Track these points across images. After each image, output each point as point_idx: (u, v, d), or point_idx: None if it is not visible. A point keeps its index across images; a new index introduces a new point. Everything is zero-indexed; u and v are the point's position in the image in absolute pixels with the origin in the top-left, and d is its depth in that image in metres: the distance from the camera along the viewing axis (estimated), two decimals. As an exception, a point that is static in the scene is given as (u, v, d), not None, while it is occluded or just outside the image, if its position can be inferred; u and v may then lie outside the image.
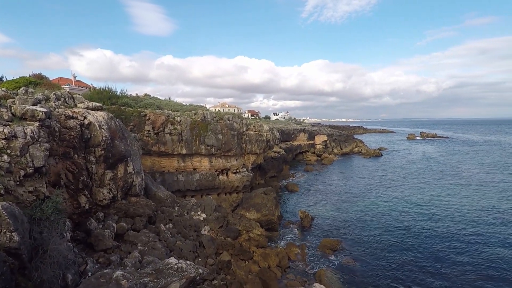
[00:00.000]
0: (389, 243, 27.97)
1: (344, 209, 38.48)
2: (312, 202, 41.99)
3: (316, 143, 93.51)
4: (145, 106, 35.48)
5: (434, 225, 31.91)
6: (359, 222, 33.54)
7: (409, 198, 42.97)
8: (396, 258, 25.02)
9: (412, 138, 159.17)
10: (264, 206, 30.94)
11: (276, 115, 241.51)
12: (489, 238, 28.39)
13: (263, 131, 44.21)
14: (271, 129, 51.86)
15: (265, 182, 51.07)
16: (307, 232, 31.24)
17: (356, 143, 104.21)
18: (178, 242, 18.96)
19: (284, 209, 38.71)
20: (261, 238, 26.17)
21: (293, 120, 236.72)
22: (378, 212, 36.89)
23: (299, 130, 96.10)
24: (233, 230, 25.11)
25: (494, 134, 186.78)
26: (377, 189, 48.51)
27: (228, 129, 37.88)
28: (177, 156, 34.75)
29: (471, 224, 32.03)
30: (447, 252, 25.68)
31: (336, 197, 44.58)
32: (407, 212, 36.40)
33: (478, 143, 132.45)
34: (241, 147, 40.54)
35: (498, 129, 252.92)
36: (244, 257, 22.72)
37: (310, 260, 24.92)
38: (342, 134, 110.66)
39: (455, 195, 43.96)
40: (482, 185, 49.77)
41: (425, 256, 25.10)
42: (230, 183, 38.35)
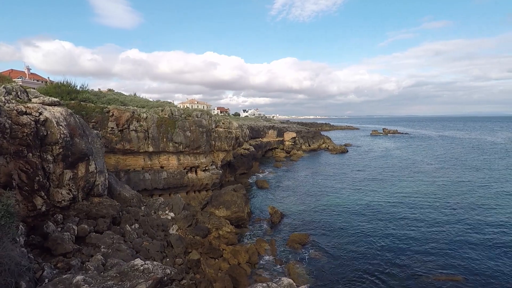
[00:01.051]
0: (355, 235, 29.25)
1: (312, 204, 39.57)
2: (281, 198, 42.70)
3: (285, 140, 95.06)
4: (108, 102, 33.83)
5: (397, 216, 33.88)
6: (326, 216, 34.70)
7: (373, 191, 45.21)
8: (363, 249, 26.24)
9: (376, 134, 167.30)
10: (234, 203, 30.94)
11: (245, 112, 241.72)
12: (447, 227, 30.69)
13: (233, 128, 44.08)
14: (240, 126, 51.83)
15: (234, 179, 51.07)
16: (276, 227, 31.74)
17: (323, 140, 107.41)
18: (144, 243, 18.39)
19: (254, 205, 38.98)
20: (231, 236, 26.18)
21: (263, 117, 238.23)
22: (344, 206, 38.40)
23: (269, 127, 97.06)
24: (202, 229, 24.86)
25: (448, 130, 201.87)
26: (343, 184, 50.45)
27: (196, 126, 37.27)
28: (143, 154, 33.60)
29: (430, 214, 34.41)
30: (410, 242, 27.38)
31: (304, 192, 45.70)
32: (372, 205, 38.26)
33: (434, 138, 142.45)
34: (210, 144, 40.12)
35: (451, 126, 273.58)
36: (213, 255, 22.60)
37: (280, 255, 25.37)
38: (310, 131, 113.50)
39: (415, 187, 46.94)
40: (439, 177, 53.65)
41: (390, 247, 26.57)
42: (199, 181, 37.85)
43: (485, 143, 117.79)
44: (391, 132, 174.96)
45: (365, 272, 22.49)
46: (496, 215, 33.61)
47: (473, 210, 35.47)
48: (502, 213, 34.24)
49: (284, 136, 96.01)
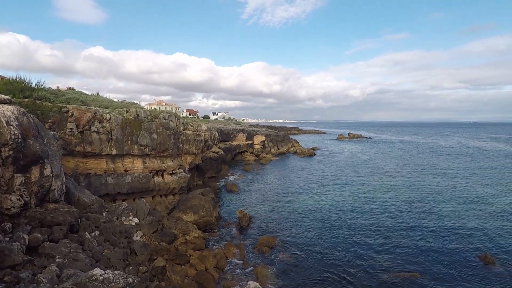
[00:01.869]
0: (322, 237, 29.97)
1: (280, 206, 40.00)
2: (250, 202, 42.70)
3: (255, 143, 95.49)
4: (68, 101, 31.82)
5: (361, 217, 35.26)
6: (294, 219, 35.23)
7: (339, 194, 46.75)
8: (329, 250, 26.93)
9: (342, 139, 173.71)
10: (202, 208, 30.38)
11: (215, 114, 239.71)
12: (405, 225, 32.46)
13: (201, 130, 43.42)
14: (209, 128, 51.21)
15: (203, 183, 50.27)
16: (245, 231, 31.63)
17: (292, 143, 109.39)
18: (105, 251, 17.41)
19: (222, 209, 38.58)
20: (198, 241, 25.64)
21: (233, 120, 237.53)
22: (312, 208, 39.26)
23: (238, 130, 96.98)
24: (168, 234, 24.08)
25: (407, 135, 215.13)
26: (311, 187, 51.63)
27: (163, 128, 36.21)
28: (105, 157, 31.96)
29: (391, 214, 36.23)
30: (373, 242, 28.57)
31: (273, 195, 46.10)
32: (338, 207, 39.50)
33: (395, 142, 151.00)
34: (178, 147, 39.17)
35: (409, 131, 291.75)
36: (180, 261, 21.96)
37: (249, 259, 25.27)
38: (279, 134, 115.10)
39: (377, 189, 49.22)
40: (399, 179, 56.79)
41: (355, 247, 27.53)
42: (165, 185, 36.73)
43: (439, 146, 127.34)
44: (356, 137, 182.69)
45: (332, 272, 23.09)
46: (447, 213, 36.19)
47: (428, 210, 37.92)
48: (452, 211, 36.94)
49: (254, 140, 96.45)
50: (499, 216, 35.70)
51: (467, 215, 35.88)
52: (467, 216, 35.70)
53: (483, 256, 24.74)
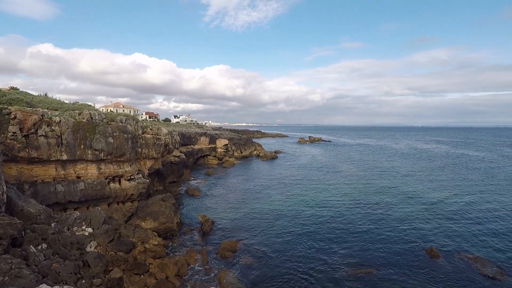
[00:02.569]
0: (284, 238, 30.49)
1: (243, 210, 40.02)
2: (213, 206, 42.16)
3: (217, 147, 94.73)
4: (10, 102, 29.03)
5: (320, 218, 36.50)
6: (257, 222, 35.45)
7: (300, 195, 48.00)
8: (291, 251, 27.47)
9: (303, 142, 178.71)
10: (162, 214, 29.35)
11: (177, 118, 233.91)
12: (366, 224, 34.22)
13: (162, 134, 42.08)
14: (170, 132, 49.86)
15: (163, 188, 48.64)
16: (208, 236, 31.13)
17: (255, 147, 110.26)
18: (54, 265, 16.09)
19: (184, 215, 37.62)
20: (159, 248, 24.71)
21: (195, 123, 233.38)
22: (274, 210, 39.81)
23: (201, 133, 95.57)
24: (126, 243, 22.90)
25: (363, 138, 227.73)
26: (274, 190, 52.38)
27: (120, 132, 34.47)
28: (55, 163, 29.60)
29: (349, 214, 37.97)
30: (332, 241, 29.67)
31: (236, 199, 45.99)
32: (300, 209, 40.50)
33: (352, 145, 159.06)
34: (136, 152, 37.55)
35: (365, 134, 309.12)
36: (138, 271, 20.98)
37: (211, 264, 24.89)
38: (242, 138, 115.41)
39: (338, 191, 51.35)
40: (356, 180, 59.84)
41: (315, 247, 28.39)
42: (123, 191, 34.93)
43: (391, 149, 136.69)
44: (316, 140, 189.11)
45: (294, 273, 23.58)
46: (398, 211, 38.91)
47: (381, 208, 40.42)
48: (402, 208, 39.79)
49: (217, 143, 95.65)
50: (443, 211, 39.15)
51: (416, 212, 38.85)
52: (416, 212, 38.64)
53: (429, 250, 26.91)
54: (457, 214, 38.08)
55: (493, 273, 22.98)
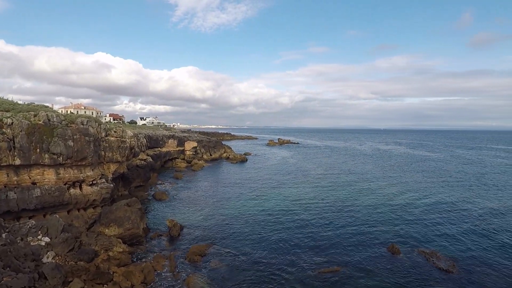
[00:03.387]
0: (253, 240, 30.61)
1: (213, 214, 39.61)
2: (181, 210, 41.28)
3: (186, 150, 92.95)
4: (-47, 102, 26.38)
5: (289, 219, 37.12)
6: (227, 224, 35.26)
7: (271, 197, 48.50)
8: (260, 253, 27.63)
9: (272, 144, 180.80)
10: (127, 220, 28.19)
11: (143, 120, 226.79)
12: (332, 223, 35.29)
13: (127, 137, 40.51)
14: (136, 135, 48.16)
15: (129, 193, 46.76)
16: (176, 241, 30.41)
17: (224, 149, 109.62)
18: (5, 279, 14.86)
19: (151, 220, 36.45)
20: (123, 256, 23.72)
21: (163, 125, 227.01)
22: (244, 213, 39.84)
23: (169, 136, 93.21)
24: (87, 252, 21.71)
25: (330, 140, 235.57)
26: (243, 192, 52.43)
27: (81, 135, 32.67)
28: (6, 168, 27.36)
29: (315, 215, 39.00)
30: (300, 242, 30.27)
31: (205, 202, 45.41)
32: (269, 210, 40.90)
33: (320, 147, 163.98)
34: (99, 155, 35.80)
35: (332, 136, 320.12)
36: (101, 280, 19.99)
37: (180, 269, 24.33)
38: (211, 140, 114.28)
39: (306, 191, 52.57)
40: (324, 181, 61.63)
41: (283, 248, 28.79)
42: (84, 197, 33.07)
43: (355, 150, 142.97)
44: (286, 142, 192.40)
45: (263, 274, 23.76)
46: (361, 209, 40.71)
47: (346, 207, 42.05)
48: (368, 209, 41.69)
49: (185, 146, 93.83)
50: (403, 210, 41.57)
51: (379, 210, 40.89)
52: (379, 211, 40.66)
53: (390, 247, 28.41)
54: (415, 212, 40.63)
55: (447, 266, 24.79)
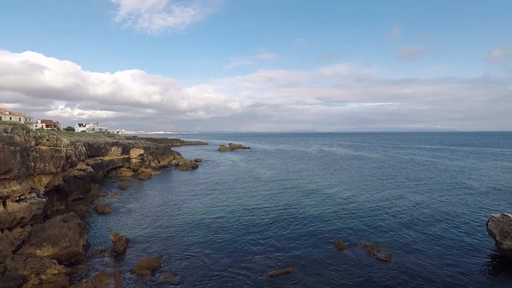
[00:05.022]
0: (206, 248, 29.89)
1: (163, 224, 37.86)
2: (128, 222, 38.69)
3: (132, 157, 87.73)
4: None
5: (243, 223, 37.09)
6: (178, 234, 33.96)
7: (223, 203, 47.99)
8: (213, 261, 27.05)
9: (223, 149, 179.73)
10: (64, 237, 25.48)
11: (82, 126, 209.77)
12: (283, 225, 36.01)
13: (62, 145, 36.84)
14: (73, 143, 44.03)
15: (66, 208, 42.42)
16: (121, 256, 28.32)
17: (173, 156, 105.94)
18: None
19: (93, 235, 33.51)
20: (59, 278, 21.34)
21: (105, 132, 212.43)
22: (196, 221, 38.79)
23: (112, 143, 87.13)
24: (13, 278, 19.08)
25: (279, 144, 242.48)
26: (195, 200, 51.11)
27: (5, 144, 28.81)
28: None
29: (265, 217, 39.57)
30: (252, 246, 30.36)
31: (154, 213, 43.23)
32: (222, 218, 40.39)
33: (271, 151, 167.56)
34: (28, 167, 31.92)
35: (281, 140, 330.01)
36: (32, 308, 17.68)
37: (127, 286, 22.67)
38: (159, 146, 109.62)
39: (258, 196, 53.05)
40: (275, 183, 62.93)
41: (237, 254, 28.58)
42: (9, 215, 29.07)
43: (303, 153, 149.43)
44: (236, 147, 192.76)
45: (215, 283, 23.26)
46: (309, 209, 42.51)
47: (295, 208, 43.50)
48: (315, 208, 43.64)
49: (131, 153, 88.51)
50: (347, 206, 44.35)
51: (325, 209, 43.04)
52: (325, 209, 42.79)
53: (337, 243, 30.05)
54: (357, 209, 43.66)
55: (385, 256, 27.06)
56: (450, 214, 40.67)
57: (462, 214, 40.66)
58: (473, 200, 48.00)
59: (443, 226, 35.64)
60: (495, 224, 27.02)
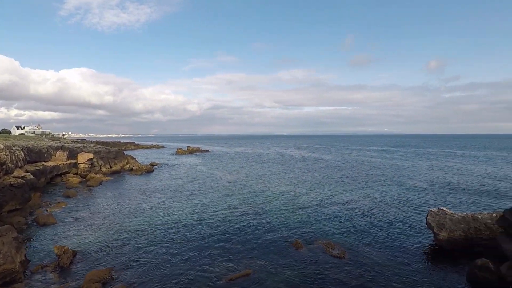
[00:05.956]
0: (162, 257, 28.71)
1: (116, 232, 35.66)
2: (74, 234, 35.77)
3: (80, 162, 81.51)
4: None
5: (201, 227, 36.32)
6: (131, 243, 32.21)
7: (180, 207, 46.58)
8: (169, 269, 26.06)
9: (181, 153, 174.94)
10: (-3, 253, 22.74)
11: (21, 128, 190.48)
12: (240, 227, 35.93)
13: (-4, 151, 32.95)
14: (9, 147, 39.65)
15: (0, 220, 37.96)
16: (68, 270, 26.06)
17: (127, 160, 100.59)
18: None
19: (33, 250, 30.39)
20: (-8, 300, 18.95)
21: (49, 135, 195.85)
22: (151, 229, 37.13)
23: (56, 147, 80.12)
24: None
25: (239, 147, 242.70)
26: (149, 206, 48.96)
27: None
28: None
29: (227, 219, 39.26)
30: (210, 250, 29.86)
31: (105, 222, 40.54)
32: (179, 223, 39.15)
33: (230, 154, 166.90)
34: (-47, 176, 27.99)
35: (240, 143, 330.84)
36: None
37: (72, 304, 20.89)
38: (111, 150, 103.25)
39: (217, 199, 52.36)
40: (233, 185, 62.73)
41: (194, 259, 27.88)
42: None
43: (262, 155, 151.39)
44: (195, 150, 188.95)
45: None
46: (269, 212, 43.17)
47: (252, 209, 43.85)
48: (273, 209, 44.40)
49: (78, 158, 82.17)
50: (302, 206, 45.81)
51: (283, 210, 43.97)
52: (283, 210, 43.71)
53: (295, 243, 30.87)
54: (313, 209, 45.33)
55: (339, 253, 28.44)
56: (395, 210, 44.08)
57: (406, 209, 44.33)
58: (415, 197, 52.61)
59: (389, 222, 38.48)
60: (432, 217, 29.85)
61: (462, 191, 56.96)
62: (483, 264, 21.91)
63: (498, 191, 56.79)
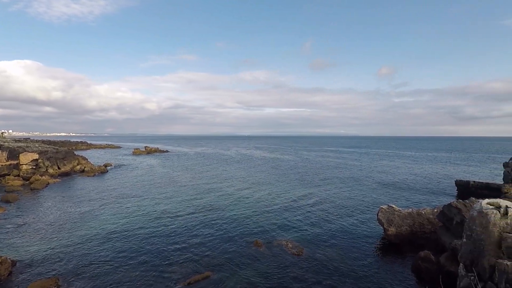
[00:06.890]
0: (115, 262, 27.20)
1: (63, 239, 33.04)
2: (14, 242, 32.49)
3: (22, 163, 74.25)
4: None
5: (157, 231, 35.05)
6: (83, 249, 30.08)
7: (134, 210, 44.52)
8: (123, 275, 24.78)
9: (138, 153, 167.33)
10: None
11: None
12: (199, 228, 35.31)
13: None
14: None
15: None
16: (6, 283, 23.58)
17: (78, 160, 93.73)
18: None
19: (-37, 261, 26.97)
20: None
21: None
22: (103, 233, 35.02)
23: (-7, 147, 72.13)
24: None
25: (199, 147, 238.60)
26: (102, 209, 46.15)
27: None
28: None
29: (186, 223, 38.37)
30: (168, 254, 28.97)
31: (52, 227, 37.41)
32: (134, 227, 37.40)
33: (190, 154, 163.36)
34: None
35: (201, 143, 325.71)
36: None
37: (11, 319, 18.96)
38: (60, 150, 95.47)
39: (175, 201, 50.89)
40: (192, 187, 61.45)
41: (152, 265, 26.81)
42: None
43: (223, 155, 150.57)
44: (153, 150, 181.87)
45: (128, 298, 21.46)
46: (229, 213, 43.11)
47: (213, 212, 43.46)
48: (232, 210, 44.43)
49: (20, 159, 74.80)
50: (262, 206, 46.44)
51: (242, 210, 44.16)
52: (242, 211, 43.89)
53: (255, 242, 31.19)
54: (273, 208, 46.17)
55: (297, 251, 29.33)
56: (349, 208, 46.55)
57: (358, 207, 47.04)
58: (367, 194, 56.07)
59: (344, 219, 40.55)
60: (383, 214, 32.07)
61: (408, 189, 62.00)
62: (426, 255, 24.04)
63: (439, 187, 62.90)
